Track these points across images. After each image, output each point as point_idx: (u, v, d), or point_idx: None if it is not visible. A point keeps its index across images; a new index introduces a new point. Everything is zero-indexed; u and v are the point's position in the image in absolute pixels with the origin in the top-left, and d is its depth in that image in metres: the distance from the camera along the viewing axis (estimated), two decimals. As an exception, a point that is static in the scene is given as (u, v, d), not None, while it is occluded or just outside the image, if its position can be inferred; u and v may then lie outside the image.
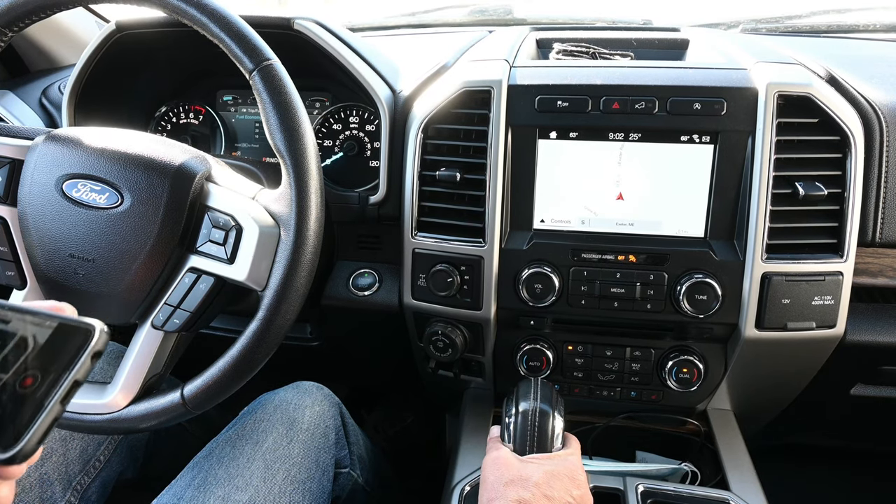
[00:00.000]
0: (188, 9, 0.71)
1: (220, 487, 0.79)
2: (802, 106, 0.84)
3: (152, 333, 0.74)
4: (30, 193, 0.76)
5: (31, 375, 0.38)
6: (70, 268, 0.74)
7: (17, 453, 0.36)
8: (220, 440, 0.88)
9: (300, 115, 0.72)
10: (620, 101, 0.85)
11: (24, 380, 0.38)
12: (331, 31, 1.00)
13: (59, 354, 0.39)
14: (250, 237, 0.71)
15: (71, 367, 0.39)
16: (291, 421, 0.90)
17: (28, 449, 0.36)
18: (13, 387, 0.38)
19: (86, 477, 0.92)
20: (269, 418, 0.90)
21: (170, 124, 1.21)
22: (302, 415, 0.92)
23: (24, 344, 0.39)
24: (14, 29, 0.78)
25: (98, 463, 0.94)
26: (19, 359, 0.39)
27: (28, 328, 0.40)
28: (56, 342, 0.40)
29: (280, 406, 0.92)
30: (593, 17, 1.46)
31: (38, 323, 0.40)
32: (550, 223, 0.91)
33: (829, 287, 0.85)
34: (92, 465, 0.94)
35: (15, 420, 0.37)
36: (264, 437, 0.86)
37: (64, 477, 0.90)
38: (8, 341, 0.39)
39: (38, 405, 0.37)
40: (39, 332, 0.40)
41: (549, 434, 0.72)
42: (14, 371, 0.38)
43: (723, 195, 0.86)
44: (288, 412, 0.91)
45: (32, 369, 0.38)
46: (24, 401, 0.37)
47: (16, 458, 0.35)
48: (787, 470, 1.34)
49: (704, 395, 0.98)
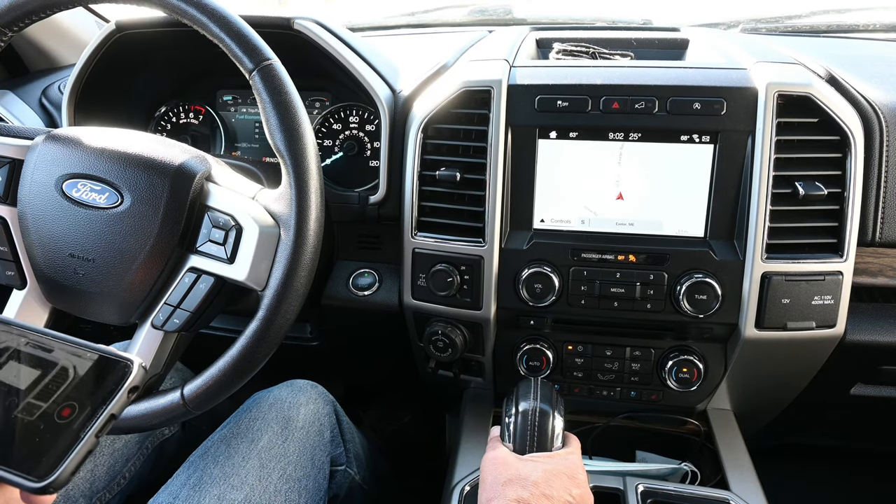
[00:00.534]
0: (188, 9, 0.71)
1: (216, 486, 0.79)
2: (802, 106, 0.84)
3: (152, 333, 0.74)
4: (30, 193, 0.76)
5: (69, 406, 0.39)
6: (70, 267, 0.74)
7: (51, 483, 0.36)
8: (214, 438, 0.87)
9: (300, 115, 0.72)
10: (620, 100, 0.85)
11: (62, 410, 0.39)
12: (331, 30, 1.00)
13: (97, 387, 0.40)
14: (250, 237, 0.71)
15: (108, 401, 0.39)
16: (286, 419, 0.90)
17: (62, 480, 0.36)
18: (52, 417, 0.38)
19: (108, 493, 0.92)
20: (264, 416, 0.90)
21: (170, 124, 1.21)
22: (297, 413, 0.92)
23: (65, 374, 0.40)
24: (14, 29, 0.78)
25: (123, 480, 0.94)
26: (59, 389, 0.39)
27: (70, 359, 0.41)
28: (95, 375, 0.40)
29: (275, 404, 0.92)
30: (593, 16, 1.45)
31: (79, 354, 0.41)
32: (550, 223, 0.91)
33: (829, 287, 0.85)
34: (117, 481, 0.93)
35: (51, 450, 0.37)
36: (259, 436, 0.86)
37: (88, 492, 0.89)
38: (50, 370, 0.40)
39: (75, 437, 0.38)
40: (80, 364, 0.41)
41: (548, 434, 0.71)
42: (54, 401, 0.39)
43: (723, 195, 0.86)
44: (283, 410, 0.91)
45: (71, 400, 0.39)
46: (61, 431, 0.38)
47: (49, 487, 0.36)
48: (787, 470, 1.34)
49: (704, 394, 0.98)
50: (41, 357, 0.41)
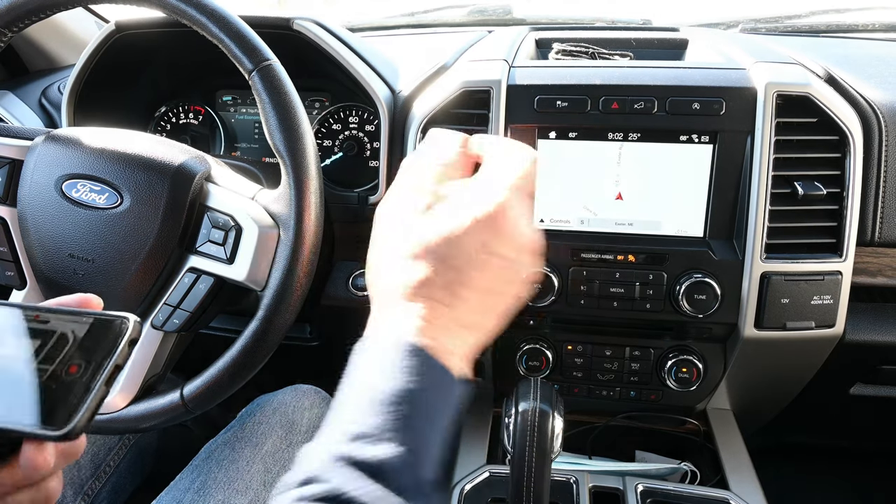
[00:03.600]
0: (187, 9, 0.71)
1: (220, 491, 0.79)
2: (801, 106, 0.84)
3: (152, 333, 0.74)
4: (29, 194, 0.76)
5: (75, 364, 0.42)
6: (69, 268, 0.74)
7: (71, 430, 0.39)
8: (218, 442, 0.87)
9: (299, 115, 0.72)
10: (619, 101, 0.85)
11: (69, 368, 0.41)
12: (330, 31, 1.00)
13: (98, 344, 0.43)
14: (250, 237, 0.71)
15: (111, 354, 0.42)
16: (290, 423, 0.90)
17: (80, 426, 0.39)
18: (60, 374, 0.41)
19: (97, 482, 0.92)
20: (268, 421, 0.90)
21: (169, 124, 1.21)
22: (301, 417, 0.92)
23: (64, 339, 0.43)
24: (14, 29, 0.78)
25: (108, 468, 0.94)
26: (62, 352, 0.42)
27: (67, 325, 0.43)
28: (94, 335, 0.43)
29: (279, 409, 0.92)
30: (593, 17, 1.45)
31: (74, 320, 0.44)
32: (550, 223, 0.91)
33: (829, 286, 0.85)
34: (102, 469, 0.94)
35: (66, 402, 0.40)
36: (263, 440, 0.86)
37: (75, 481, 0.90)
38: (49, 339, 0.43)
39: (86, 388, 0.40)
40: (78, 328, 0.43)
41: (548, 434, 0.71)
42: (59, 362, 0.42)
43: (722, 195, 0.86)
44: (287, 414, 0.91)
45: (76, 359, 0.42)
46: (72, 386, 0.41)
47: (70, 434, 0.39)
48: (786, 470, 1.34)
49: (704, 394, 0.98)
50: (39, 328, 0.43)
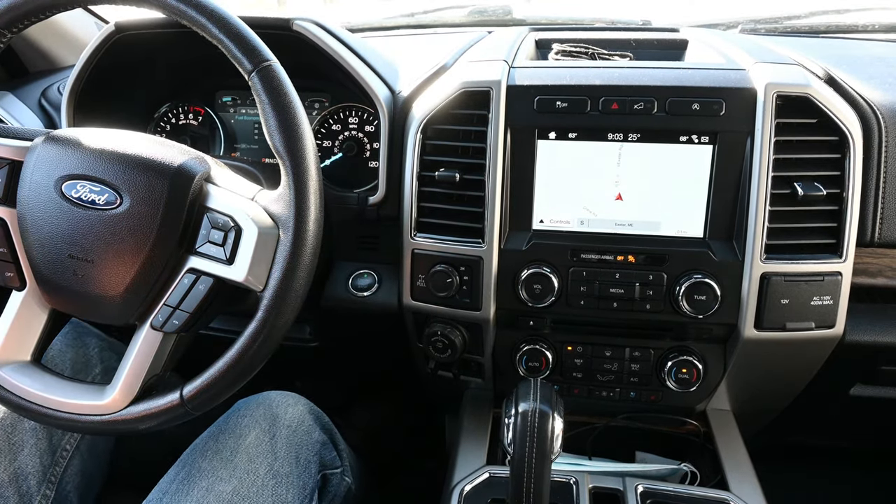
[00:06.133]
0: (187, 10, 0.71)
1: (205, 479, 0.81)
2: (801, 106, 0.84)
3: (151, 334, 0.74)
4: (29, 194, 0.75)
5: None
6: (69, 269, 0.74)
7: None
8: (203, 436, 0.89)
9: (299, 116, 0.72)
10: (619, 101, 0.86)
11: None
12: (330, 31, 1.00)
13: None
14: (249, 238, 0.71)
15: None
16: (273, 417, 0.92)
17: None
18: None
19: (57, 467, 0.93)
20: (252, 415, 0.91)
21: (169, 125, 1.21)
22: (284, 412, 0.93)
23: None
24: (13, 30, 0.78)
25: (66, 452, 0.95)
26: None
27: None
28: None
29: (263, 403, 0.94)
30: (592, 17, 1.45)
31: None
32: (549, 224, 0.91)
33: (828, 287, 0.85)
34: (60, 454, 0.94)
35: None
36: (247, 433, 0.88)
37: (38, 469, 0.90)
38: None
39: None
40: None
41: (548, 435, 0.71)
42: None
43: (722, 195, 0.86)
44: (270, 409, 0.93)
45: None
46: None
47: None
48: (786, 470, 1.34)
49: (704, 395, 0.98)
50: None
